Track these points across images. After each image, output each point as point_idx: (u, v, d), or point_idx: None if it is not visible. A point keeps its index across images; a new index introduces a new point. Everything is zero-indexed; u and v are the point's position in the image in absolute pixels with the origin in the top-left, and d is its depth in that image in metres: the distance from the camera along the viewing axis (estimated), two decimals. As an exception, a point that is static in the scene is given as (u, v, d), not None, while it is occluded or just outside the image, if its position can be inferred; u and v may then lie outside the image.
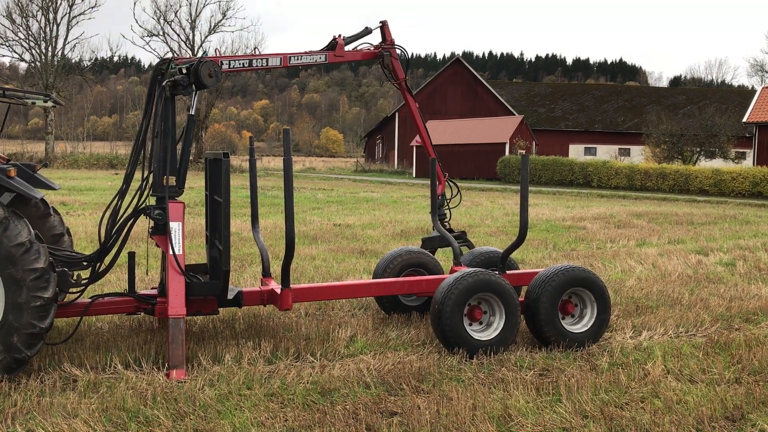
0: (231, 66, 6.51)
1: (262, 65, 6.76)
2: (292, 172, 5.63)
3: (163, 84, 5.83)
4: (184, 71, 5.84)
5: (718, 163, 45.20)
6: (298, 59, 7.00)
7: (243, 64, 6.63)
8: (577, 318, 6.31)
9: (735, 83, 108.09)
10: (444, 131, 51.69)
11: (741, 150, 51.86)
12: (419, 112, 8.04)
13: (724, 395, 4.93)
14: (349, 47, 7.48)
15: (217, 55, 6.65)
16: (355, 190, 29.02)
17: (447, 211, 8.28)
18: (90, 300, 5.81)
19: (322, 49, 7.35)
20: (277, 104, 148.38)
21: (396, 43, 7.80)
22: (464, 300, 5.81)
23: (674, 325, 6.83)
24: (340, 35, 7.34)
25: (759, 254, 11.80)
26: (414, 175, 49.99)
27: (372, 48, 7.71)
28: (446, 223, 8.25)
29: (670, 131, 46.63)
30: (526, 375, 5.35)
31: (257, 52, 7.86)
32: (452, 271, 7.07)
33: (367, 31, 7.66)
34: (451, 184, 8.48)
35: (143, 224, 6.17)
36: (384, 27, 7.76)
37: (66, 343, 5.75)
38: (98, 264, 5.99)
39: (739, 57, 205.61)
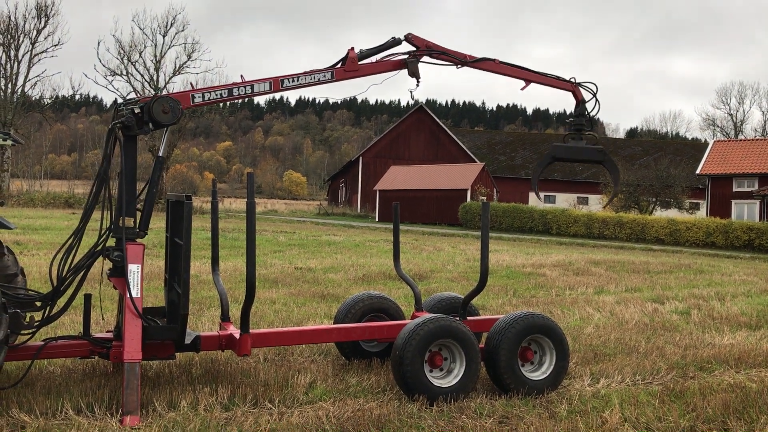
0: (206, 98, 5.94)
1: (245, 93, 6.06)
2: (255, 216, 5.60)
3: (110, 127, 5.69)
4: (137, 111, 5.62)
5: (673, 213, 46.46)
6: (293, 81, 6.18)
7: (221, 94, 6.00)
8: (536, 365, 6.35)
9: (689, 136, 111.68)
10: (407, 176, 52.24)
11: (695, 201, 53.47)
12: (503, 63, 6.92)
13: (680, 443, 4.98)
14: (371, 59, 6.57)
15: (190, 88, 5.98)
16: (318, 233, 28.96)
17: None
18: (43, 342, 5.66)
19: (330, 67, 6.41)
20: (241, 146, 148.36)
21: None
22: (425, 346, 5.81)
23: (631, 372, 6.91)
24: (352, 48, 6.46)
25: (713, 303, 12.06)
26: (377, 219, 50.18)
27: (408, 56, 6.62)
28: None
29: (627, 181, 47.86)
30: (486, 422, 5.34)
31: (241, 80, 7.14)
32: (413, 317, 7.08)
33: (395, 42, 6.64)
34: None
35: (99, 266, 6.07)
36: (413, 37, 6.68)
37: (15, 388, 5.56)
38: (52, 305, 5.86)
39: (692, 111, 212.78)
